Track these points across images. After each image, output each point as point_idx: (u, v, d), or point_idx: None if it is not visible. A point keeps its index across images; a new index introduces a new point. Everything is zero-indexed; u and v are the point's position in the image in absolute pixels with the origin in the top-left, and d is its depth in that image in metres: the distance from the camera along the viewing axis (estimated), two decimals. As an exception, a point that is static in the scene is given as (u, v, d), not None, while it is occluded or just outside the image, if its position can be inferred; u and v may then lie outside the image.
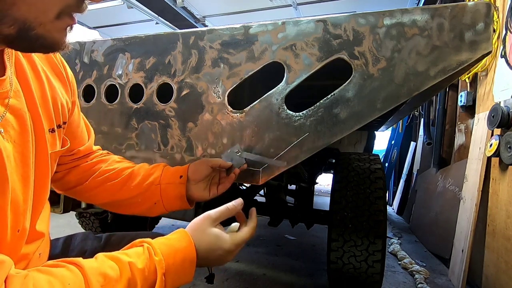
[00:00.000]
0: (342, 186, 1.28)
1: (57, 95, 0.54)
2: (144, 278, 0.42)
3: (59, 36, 0.39)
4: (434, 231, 2.35)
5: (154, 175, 0.69)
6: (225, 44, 0.83)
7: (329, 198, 1.38)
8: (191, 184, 0.71)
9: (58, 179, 0.67)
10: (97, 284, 0.38)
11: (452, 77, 0.73)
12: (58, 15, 0.37)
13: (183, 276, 0.47)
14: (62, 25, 0.39)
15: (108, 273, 0.40)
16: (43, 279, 0.36)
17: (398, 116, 1.95)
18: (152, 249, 0.46)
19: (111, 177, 0.68)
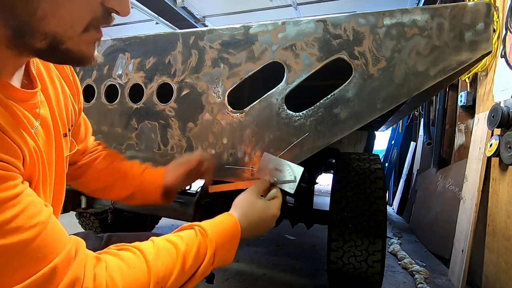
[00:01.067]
0: (342, 186, 1.28)
1: (68, 101, 0.57)
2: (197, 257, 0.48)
3: (87, 49, 0.40)
4: (434, 231, 2.35)
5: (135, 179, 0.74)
6: (225, 44, 0.83)
7: (329, 198, 1.38)
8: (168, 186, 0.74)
9: None
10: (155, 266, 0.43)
11: (452, 77, 0.73)
12: (86, 29, 0.38)
13: (228, 254, 0.54)
14: (89, 39, 0.39)
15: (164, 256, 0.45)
16: (113, 261, 0.41)
17: (398, 116, 1.95)
18: (203, 230, 0.52)
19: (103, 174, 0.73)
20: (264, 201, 0.64)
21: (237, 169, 0.82)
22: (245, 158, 0.82)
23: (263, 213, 0.62)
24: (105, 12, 0.38)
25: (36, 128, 0.44)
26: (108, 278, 0.39)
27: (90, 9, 0.37)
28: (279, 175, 0.67)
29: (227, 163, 0.84)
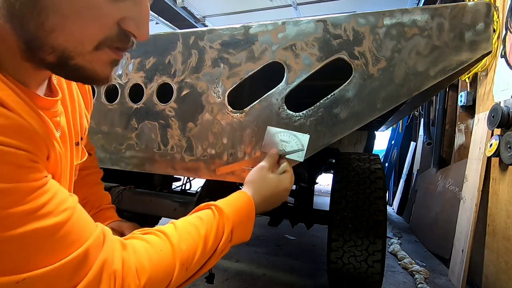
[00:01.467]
0: (342, 186, 1.28)
1: (82, 110, 0.59)
2: (216, 237, 0.50)
3: (101, 69, 0.38)
4: (434, 231, 2.35)
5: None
6: (225, 44, 0.83)
7: (329, 198, 1.38)
8: None
9: None
10: (180, 249, 0.45)
11: (452, 77, 0.73)
12: (98, 47, 0.36)
13: (245, 231, 0.56)
14: (104, 58, 0.38)
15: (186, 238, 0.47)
16: (140, 245, 0.43)
17: (398, 116, 1.94)
18: (220, 209, 0.54)
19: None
20: (275, 175, 0.66)
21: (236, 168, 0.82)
22: (245, 158, 0.82)
23: (275, 187, 0.64)
24: (121, 33, 0.37)
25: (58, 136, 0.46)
26: (137, 261, 0.40)
27: (103, 27, 0.36)
28: (285, 146, 0.67)
29: (227, 163, 0.84)
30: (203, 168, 0.87)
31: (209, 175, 0.87)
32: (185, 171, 0.89)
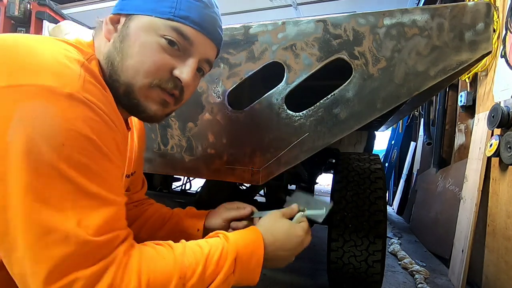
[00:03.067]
0: (342, 186, 1.28)
1: (138, 149, 0.67)
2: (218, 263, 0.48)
3: (151, 105, 0.50)
4: (434, 231, 2.35)
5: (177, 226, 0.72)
6: (225, 44, 0.83)
7: (329, 198, 1.38)
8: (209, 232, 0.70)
9: None
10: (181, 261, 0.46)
11: (452, 77, 0.73)
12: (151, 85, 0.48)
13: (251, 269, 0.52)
14: (155, 96, 0.49)
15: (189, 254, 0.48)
16: (148, 250, 0.45)
17: (398, 116, 1.94)
18: (226, 236, 0.53)
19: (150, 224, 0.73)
20: (288, 221, 0.61)
21: (237, 169, 0.82)
22: (245, 158, 0.82)
23: (287, 231, 0.58)
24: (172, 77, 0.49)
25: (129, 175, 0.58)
26: (140, 261, 0.43)
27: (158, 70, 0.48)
28: (308, 207, 0.66)
29: (227, 163, 0.84)
30: (203, 168, 0.87)
31: (209, 175, 0.87)
32: (185, 171, 0.89)
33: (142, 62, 0.47)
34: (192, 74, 0.51)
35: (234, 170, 0.83)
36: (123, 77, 0.47)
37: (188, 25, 0.48)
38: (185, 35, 0.48)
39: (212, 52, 0.55)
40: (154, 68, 0.47)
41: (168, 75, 0.49)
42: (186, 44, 0.49)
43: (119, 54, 0.47)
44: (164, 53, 0.48)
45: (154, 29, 0.47)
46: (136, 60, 0.47)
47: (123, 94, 0.48)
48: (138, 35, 0.47)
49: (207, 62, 0.55)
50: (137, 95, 0.48)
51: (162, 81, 0.49)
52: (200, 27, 0.50)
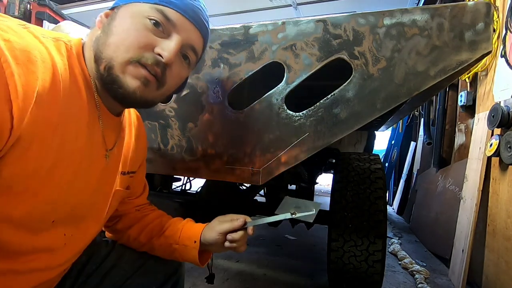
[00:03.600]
0: (342, 186, 1.28)
1: (135, 150, 0.68)
2: None
3: (130, 82, 0.49)
4: (434, 231, 2.35)
5: (175, 235, 0.71)
6: (225, 44, 0.83)
7: (329, 198, 1.38)
8: (205, 245, 0.70)
9: (111, 225, 0.74)
10: None
11: (452, 77, 0.73)
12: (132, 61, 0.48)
13: None
14: (134, 72, 0.49)
15: None
16: None
17: (398, 116, 1.94)
18: None
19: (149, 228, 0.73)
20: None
21: (237, 169, 0.82)
22: (245, 159, 0.82)
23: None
24: (154, 54, 0.50)
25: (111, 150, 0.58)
26: None
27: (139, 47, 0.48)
28: (298, 210, 0.69)
29: (227, 163, 0.84)
30: (203, 168, 0.87)
31: (209, 175, 0.87)
32: (185, 171, 0.89)
33: (124, 38, 0.48)
34: (174, 53, 0.51)
35: (234, 170, 0.83)
36: (105, 52, 0.48)
37: (171, 8, 0.51)
38: (168, 16, 0.51)
39: (197, 39, 0.56)
40: (136, 43, 0.48)
41: (150, 51, 0.49)
42: (169, 25, 0.51)
43: (104, 34, 0.49)
44: (147, 32, 0.49)
45: (140, 12, 0.50)
46: (120, 37, 0.48)
47: (104, 70, 0.48)
48: (125, 17, 0.50)
49: (192, 49, 0.56)
50: (117, 70, 0.48)
51: (142, 56, 0.49)
52: (183, 11, 0.52)
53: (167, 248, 0.70)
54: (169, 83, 0.54)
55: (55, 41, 0.46)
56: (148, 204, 0.79)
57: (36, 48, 0.41)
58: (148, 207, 0.78)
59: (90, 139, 0.51)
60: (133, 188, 0.72)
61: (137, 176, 0.72)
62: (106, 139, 0.56)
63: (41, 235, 0.49)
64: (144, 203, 0.78)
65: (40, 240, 0.49)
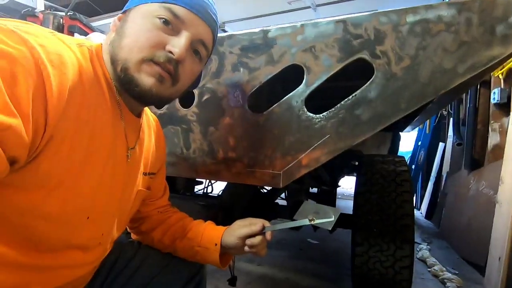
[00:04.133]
0: (366, 189, 1.25)
1: (155, 152, 0.71)
2: None
3: (145, 79, 0.51)
4: (467, 237, 2.22)
5: (197, 238, 0.72)
6: (244, 48, 0.84)
7: (352, 201, 1.35)
8: (225, 248, 0.70)
9: (135, 226, 0.77)
10: None
11: (483, 73, 0.69)
12: (144, 60, 0.50)
13: None
14: (148, 70, 0.51)
15: None
16: None
17: (425, 116, 1.87)
18: None
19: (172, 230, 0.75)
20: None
21: (258, 171, 0.82)
22: (265, 161, 0.82)
23: None
24: (165, 51, 0.51)
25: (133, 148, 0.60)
26: None
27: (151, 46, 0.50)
28: (317, 216, 0.68)
29: (248, 166, 0.84)
30: (224, 171, 0.88)
31: (230, 178, 0.88)
32: (207, 174, 0.91)
33: (136, 39, 0.50)
34: (185, 49, 0.52)
35: (255, 173, 0.83)
36: (120, 55, 0.50)
37: (179, 5, 0.52)
38: (176, 13, 0.52)
39: (206, 33, 0.57)
40: (148, 43, 0.50)
41: (161, 49, 0.51)
42: (178, 22, 0.52)
43: (118, 36, 0.52)
44: (158, 31, 0.51)
45: (150, 12, 0.51)
46: (132, 39, 0.51)
47: (120, 71, 0.51)
48: (136, 19, 0.52)
49: (202, 43, 0.57)
50: (132, 70, 0.50)
51: (155, 55, 0.50)
52: (190, 7, 0.53)
53: (189, 250, 0.72)
54: (183, 79, 0.56)
55: (79, 47, 0.49)
56: (169, 205, 0.81)
57: (66, 52, 0.44)
58: (170, 209, 0.80)
59: (114, 137, 0.54)
60: (153, 189, 0.74)
61: (157, 178, 0.75)
62: (128, 138, 0.58)
63: (77, 232, 0.52)
64: (165, 205, 0.80)
65: (76, 237, 0.52)
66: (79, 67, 0.46)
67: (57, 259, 0.50)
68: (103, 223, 0.57)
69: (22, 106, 0.37)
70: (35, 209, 0.44)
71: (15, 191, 0.42)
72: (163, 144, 0.76)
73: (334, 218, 0.66)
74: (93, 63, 0.50)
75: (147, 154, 0.68)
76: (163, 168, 0.78)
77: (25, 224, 0.44)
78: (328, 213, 0.68)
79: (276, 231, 0.70)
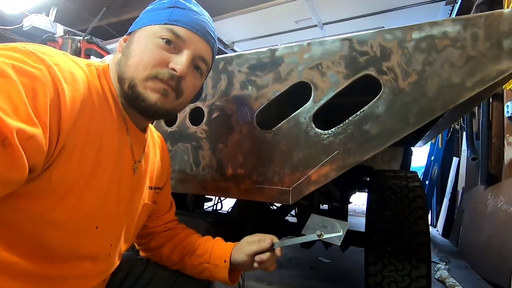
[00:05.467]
0: (378, 206, 1.22)
1: (161, 168, 0.73)
2: None
3: (151, 95, 0.55)
4: (487, 256, 2.11)
5: (206, 254, 0.73)
6: (252, 67, 0.87)
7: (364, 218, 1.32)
8: (234, 265, 0.71)
9: (144, 243, 0.77)
10: None
11: (493, 87, 0.69)
12: (148, 77, 0.54)
13: None
14: (154, 86, 0.55)
15: None
16: None
17: (436, 130, 1.84)
18: None
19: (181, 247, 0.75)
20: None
21: (267, 188, 0.82)
22: (274, 178, 0.82)
23: None
24: (168, 69, 0.55)
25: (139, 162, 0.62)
26: None
27: (155, 64, 0.54)
28: (325, 231, 0.68)
29: (257, 183, 0.84)
30: (233, 187, 0.88)
31: (239, 194, 0.88)
32: (216, 191, 0.91)
33: (142, 58, 0.54)
34: (186, 66, 0.56)
35: (264, 190, 0.83)
36: (127, 73, 0.54)
37: (180, 26, 0.57)
38: (177, 34, 0.56)
39: (206, 50, 0.61)
40: (152, 61, 0.54)
41: (165, 67, 0.55)
42: (180, 41, 0.57)
43: (124, 56, 0.56)
44: (161, 50, 0.55)
45: (153, 33, 0.56)
46: (138, 58, 0.55)
47: (128, 88, 0.55)
48: (141, 40, 0.56)
49: (202, 59, 0.61)
50: (139, 87, 0.54)
51: (159, 72, 0.54)
52: (190, 27, 0.58)
53: (198, 267, 0.71)
54: (185, 93, 0.59)
55: (87, 66, 0.53)
56: (177, 221, 0.81)
57: (77, 71, 0.48)
58: (178, 225, 0.80)
59: (120, 150, 0.56)
60: (159, 203, 0.75)
61: (163, 193, 0.76)
62: (134, 152, 0.61)
63: (87, 242, 0.53)
64: (172, 220, 0.80)
65: (85, 247, 0.53)
66: (89, 84, 0.50)
67: (67, 269, 0.51)
68: (111, 233, 0.58)
69: (41, 117, 0.40)
70: (46, 217, 0.46)
71: (27, 200, 0.44)
72: (167, 160, 0.78)
73: (343, 233, 0.65)
74: (101, 81, 0.54)
75: (152, 168, 0.70)
76: (168, 183, 0.79)
77: (36, 233, 0.46)
78: (336, 227, 0.67)
79: (287, 249, 0.70)
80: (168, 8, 0.58)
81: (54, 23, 3.30)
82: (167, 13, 0.57)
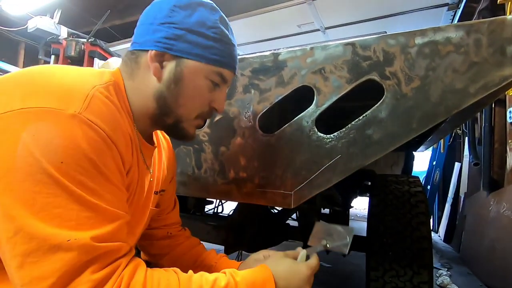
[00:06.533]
0: (380, 210, 1.21)
1: (166, 168, 0.74)
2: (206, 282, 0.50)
3: (192, 130, 0.62)
4: (491, 262, 2.10)
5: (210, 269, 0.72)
6: (255, 71, 0.87)
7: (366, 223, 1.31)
8: None
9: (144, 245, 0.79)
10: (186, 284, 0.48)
11: (496, 93, 0.69)
12: (197, 117, 0.61)
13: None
14: (196, 123, 0.62)
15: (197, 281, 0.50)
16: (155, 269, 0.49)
17: (438, 136, 1.83)
18: (234, 273, 0.54)
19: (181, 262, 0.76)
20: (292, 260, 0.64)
21: (268, 192, 0.82)
22: (276, 181, 0.82)
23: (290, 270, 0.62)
24: (210, 108, 0.62)
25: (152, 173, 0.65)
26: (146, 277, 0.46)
27: (203, 105, 0.60)
28: (331, 239, 0.68)
29: (259, 186, 0.84)
30: (235, 191, 0.88)
31: (241, 198, 0.88)
32: (218, 194, 0.91)
33: (193, 101, 0.59)
34: (224, 104, 0.63)
35: (266, 193, 0.83)
36: (176, 112, 0.58)
37: (227, 69, 0.60)
38: (225, 77, 0.61)
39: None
40: (200, 104, 0.60)
41: (208, 107, 0.61)
42: (223, 82, 0.61)
43: (173, 94, 0.57)
44: (208, 93, 0.60)
45: (203, 73, 0.57)
46: (189, 100, 0.58)
47: (172, 123, 0.59)
48: (191, 80, 0.57)
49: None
50: (184, 124, 0.60)
51: (203, 112, 0.61)
52: (234, 69, 0.63)
53: None
54: None
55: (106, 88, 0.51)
56: (179, 224, 0.81)
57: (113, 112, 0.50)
58: (180, 231, 0.80)
59: (137, 164, 0.59)
60: (162, 204, 0.76)
61: (167, 192, 0.77)
62: (148, 165, 0.64)
63: None
64: (175, 222, 0.80)
65: None
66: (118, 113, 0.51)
67: None
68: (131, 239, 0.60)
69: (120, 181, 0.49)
70: None
71: None
72: (173, 159, 0.79)
73: (349, 240, 0.64)
74: (119, 99, 0.54)
75: (159, 174, 0.70)
76: (173, 181, 0.80)
77: None
78: (342, 234, 0.66)
79: None
80: (215, 40, 0.56)
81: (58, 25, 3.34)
82: (215, 51, 0.57)
